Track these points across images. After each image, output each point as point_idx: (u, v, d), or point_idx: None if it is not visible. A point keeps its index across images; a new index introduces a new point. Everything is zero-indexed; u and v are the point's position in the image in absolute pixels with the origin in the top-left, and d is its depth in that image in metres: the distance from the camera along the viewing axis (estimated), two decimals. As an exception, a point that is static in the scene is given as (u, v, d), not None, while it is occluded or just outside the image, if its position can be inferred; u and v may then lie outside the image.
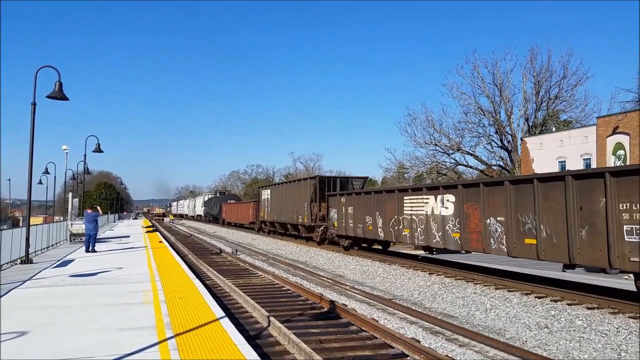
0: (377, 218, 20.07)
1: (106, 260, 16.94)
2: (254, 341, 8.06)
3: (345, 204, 23.22)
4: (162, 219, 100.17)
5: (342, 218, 23.46)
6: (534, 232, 11.92)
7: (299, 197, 29.70)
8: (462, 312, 11.55)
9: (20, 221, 77.31)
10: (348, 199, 23.07)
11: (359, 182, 28.57)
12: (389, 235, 19.34)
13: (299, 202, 29.56)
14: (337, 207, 24.10)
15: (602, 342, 8.71)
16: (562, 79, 44.67)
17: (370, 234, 20.96)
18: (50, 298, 9.84)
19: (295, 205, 30.23)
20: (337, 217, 24.20)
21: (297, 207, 30.01)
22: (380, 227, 19.88)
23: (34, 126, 15.79)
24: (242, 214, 48.73)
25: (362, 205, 21.43)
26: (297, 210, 30.00)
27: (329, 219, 25.48)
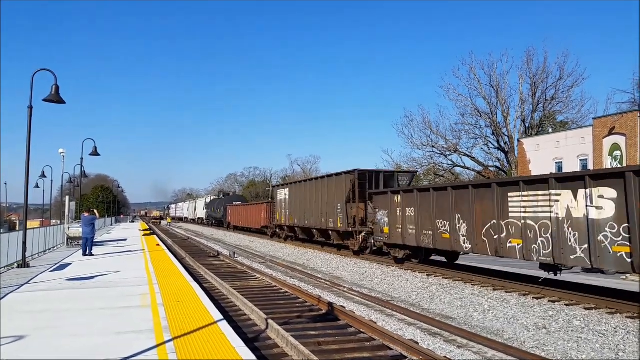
0: (458, 223, 14.84)
1: (103, 263, 16.89)
2: (252, 344, 8.06)
3: (401, 204, 18.14)
4: (159, 222, 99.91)
5: (397, 222, 18.39)
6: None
7: (330, 197, 24.83)
8: (460, 313, 11.56)
9: (17, 225, 77.05)
10: (407, 197, 17.89)
11: (405, 177, 23.87)
12: (480, 247, 13.87)
13: (329, 203, 24.79)
14: (388, 209, 19.02)
15: (600, 342, 8.73)
16: (559, 80, 44.88)
17: (444, 244, 15.59)
18: (48, 302, 9.80)
19: (325, 207, 25.49)
20: (387, 221, 19.13)
21: (326, 209, 25.23)
22: (463, 236, 14.60)
23: (30, 129, 15.76)
24: (253, 217, 44.10)
25: (429, 205, 16.22)
26: (326, 212, 25.19)
27: (374, 223, 20.44)
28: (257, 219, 41.89)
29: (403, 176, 23.91)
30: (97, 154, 28.07)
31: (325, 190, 25.67)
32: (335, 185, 24.39)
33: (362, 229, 21.97)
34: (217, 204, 65.18)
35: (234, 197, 70.10)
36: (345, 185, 23.04)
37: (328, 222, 25.01)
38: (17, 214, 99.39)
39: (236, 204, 57.43)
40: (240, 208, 52.11)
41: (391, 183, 22.72)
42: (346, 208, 22.81)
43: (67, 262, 17.49)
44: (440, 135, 49.71)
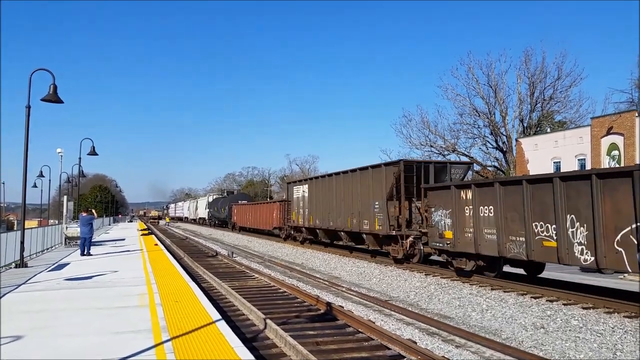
0: (571, 227, 11.26)
1: (101, 263, 16.87)
2: (250, 343, 8.06)
3: (472, 201, 14.27)
4: (157, 221, 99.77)
5: (466, 225, 14.55)
6: None
7: (364, 194, 21.12)
8: (458, 313, 11.57)
9: (14, 225, 76.95)
10: (482, 193, 14.00)
11: (459, 169, 20.09)
12: (612, 260, 10.33)
13: (364, 201, 21.09)
14: (452, 207, 15.15)
15: (598, 342, 8.74)
16: (557, 80, 44.91)
17: (546, 254, 11.96)
18: (46, 302, 9.79)
19: (357, 206, 21.72)
20: (449, 223, 15.32)
21: (359, 208, 21.46)
22: (581, 244, 10.98)
23: (28, 129, 15.73)
24: (263, 217, 39.98)
25: (521, 203, 12.56)
26: (359, 212, 21.43)
27: (429, 225, 16.47)
28: (268, 219, 38.07)
29: (456, 168, 20.13)
30: (95, 154, 28.04)
31: (358, 185, 21.73)
32: (372, 179, 20.55)
33: (409, 232, 18.26)
34: (221, 203, 61.01)
35: (239, 195, 64.42)
36: (387, 179, 19.28)
37: (361, 224, 21.29)
38: (15, 214, 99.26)
39: (242, 202, 53.29)
40: (247, 207, 47.73)
41: (442, 176, 19.27)
42: (387, 207, 19.10)
43: (65, 262, 17.46)
44: (438, 135, 49.75)
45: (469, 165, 21.43)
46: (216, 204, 63.84)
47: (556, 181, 11.63)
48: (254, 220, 42.83)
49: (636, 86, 40.67)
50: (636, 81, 40.57)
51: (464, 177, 19.84)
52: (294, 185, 31.84)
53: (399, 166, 18.83)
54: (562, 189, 11.54)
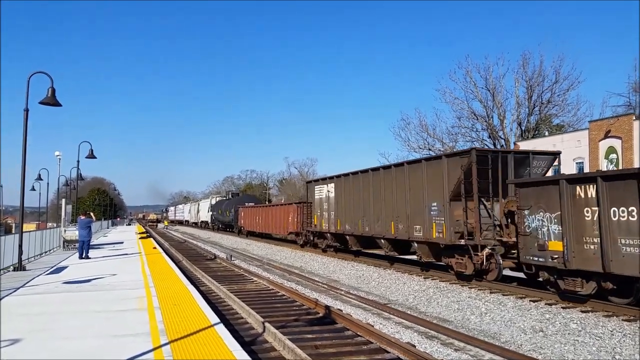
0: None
1: (100, 266, 16.84)
2: (249, 347, 8.05)
3: (597, 201, 10.66)
4: (156, 225, 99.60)
5: (583, 233, 10.99)
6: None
7: (416, 192, 16.81)
8: (457, 316, 11.57)
9: (12, 228, 76.77)
10: (613, 189, 10.39)
11: (542, 161, 16.18)
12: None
13: (414, 202, 16.90)
14: (562, 209, 11.44)
15: (597, 345, 8.75)
16: (554, 83, 45.01)
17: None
18: (44, 305, 9.77)
19: (404, 208, 17.53)
20: (556, 230, 11.63)
21: (408, 210, 17.24)
22: None
23: (26, 132, 15.72)
24: (276, 221, 35.62)
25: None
26: (408, 215, 17.21)
27: (523, 232, 12.65)
28: (283, 223, 33.83)
29: (539, 159, 16.06)
30: (93, 157, 28.06)
31: (405, 183, 17.55)
32: (427, 175, 16.28)
33: (484, 242, 14.23)
34: (225, 206, 56.35)
35: (245, 197, 59.71)
36: (450, 174, 15.14)
37: (411, 230, 17.08)
38: (13, 217, 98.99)
39: (249, 205, 49.01)
40: (256, 210, 42.97)
41: (521, 171, 15.54)
42: (449, 208, 15.07)
43: (64, 265, 17.43)
44: (436, 138, 49.82)
45: (555, 156, 16.77)
46: (220, 206, 59.33)
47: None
48: (265, 225, 38.75)
49: (634, 89, 40.82)
50: (634, 84, 40.71)
51: (547, 172, 16.41)
52: (316, 184, 26.95)
53: (470, 157, 14.45)
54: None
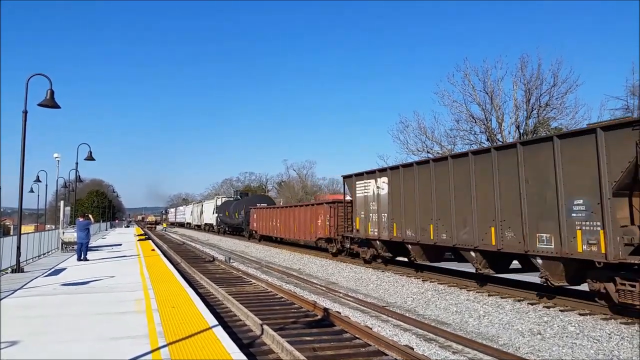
0: None
1: (98, 268, 16.82)
2: (247, 349, 8.04)
3: None
4: (154, 227, 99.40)
5: None
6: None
7: (539, 184, 11.79)
8: (455, 319, 11.57)
9: (11, 230, 76.61)
10: None
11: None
12: None
13: (537, 197, 11.90)
14: None
15: (595, 348, 8.76)
16: (553, 86, 44.89)
17: None
18: (42, 307, 9.76)
19: (515, 206, 12.46)
20: None
21: (524, 210, 12.14)
22: None
23: (25, 134, 15.72)
24: (300, 225, 30.11)
25: None
26: (525, 217, 12.11)
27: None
28: (309, 228, 28.33)
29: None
30: (92, 159, 28.02)
31: (520, 171, 12.32)
32: (566, 157, 11.13)
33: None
34: (234, 207, 49.61)
35: (256, 197, 52.45)
36: (612, 153, 10.09)
37: (531, 239, 11.96)
38: (12, 219, 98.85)
39: (261, 206, 43.25)
40: (274, 212, 36.72)
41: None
42: (611, 207, 10.08)
43: (62, 267, 17.40)
44: (435, 141, 49.69)
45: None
46: (227, 207, 52.67)
47: None
48: (286, 229, 33.04)
49: (632, 93, 40.83)
50: (631, 88, 40.73)
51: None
52: (359, 179, 20.94)
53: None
54: None
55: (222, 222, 54.60)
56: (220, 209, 56.50)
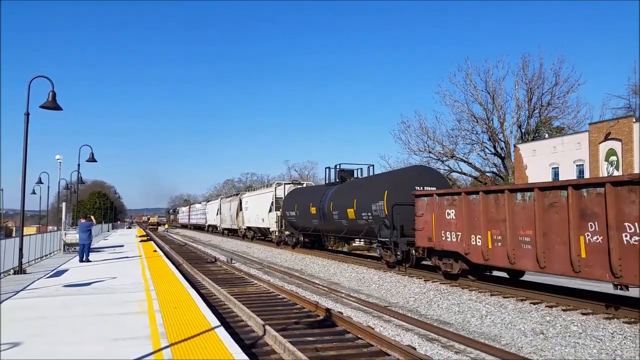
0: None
1: (100, 270, 16.84)
2: (249, 350, 8.04)
3: None
4: (156, 227, 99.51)
5: None
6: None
7: None
8: (457, 319, 11.56)
9: (13, 231, 76.77)
10: None
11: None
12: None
13: None
14: None
15: (598, 348, 8.73)
16: (554, 86, 45.08)
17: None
18: (44, 308, 9.76)
19: None
20: None
21: None
22: None
23: (27, 136, 15.74)
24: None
25: None
26: None
27: None
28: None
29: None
30: (94, 160, 28.09)
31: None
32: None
33: None
34: (334, 196, 24.69)
35: (396, 174, 23.03)
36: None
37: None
38: (14, 220, 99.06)
39: (431, 190, 16.79)
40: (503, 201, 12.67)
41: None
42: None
43: (64, 269, 17.42)
44: (437, 141, 49.84)
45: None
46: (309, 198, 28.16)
47: None
48: (554, 247, 11.22)
49: (633, 92, 40.84)
50: (633, 87, 40.73)
51: None
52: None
53: None
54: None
55: (295, 226, 30.78)
56: (288, 202, 31.21)
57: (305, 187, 34.40)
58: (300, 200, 29.35)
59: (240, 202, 44.78)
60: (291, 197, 31.46)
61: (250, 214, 40.87)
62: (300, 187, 34.35)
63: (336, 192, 24.78)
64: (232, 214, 47.71)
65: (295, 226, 30.50)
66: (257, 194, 40.69)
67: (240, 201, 44.79)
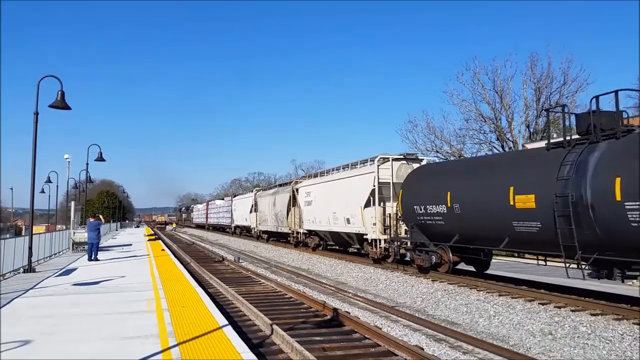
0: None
1: (109, 268, 16.93)
2: (257, 349, 8.05)
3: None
4: (164, 227, 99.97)
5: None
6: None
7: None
8: (465, 319, 11.51)
9: (22, 230, 77.40)
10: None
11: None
12: None
13: None
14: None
15: (607, 349, 8.67)
16: (563, 85, 44.72)
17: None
18: (53, 307, 9.83)
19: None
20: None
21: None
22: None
23: (36, 135, 15.86)
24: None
25: None
26: None
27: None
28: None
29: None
30: (102, 160, 28.23)
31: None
32: None
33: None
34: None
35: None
36: None
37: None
38: (23, 219, 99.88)
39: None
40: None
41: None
42: None
43: (73, 267, 17.53)
44: (444, 141, 49.59)
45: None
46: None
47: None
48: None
49: (643, 90, 40.38)
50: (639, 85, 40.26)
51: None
52: None
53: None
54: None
55: (436, 233, 15.87)
56: (421, 189, 16.47)
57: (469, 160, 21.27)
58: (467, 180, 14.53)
59: (293, 194, 31.31)
60: (433, 180, 16.39)
61: (316, 210, 26.75)
62: (453, 162, 21.96)
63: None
64: (279, 212, 33.57)
65: (439, 234, 15.83)
66: (333, 179, 25.36)
67: (293, 193, 31.34)
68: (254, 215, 41.98)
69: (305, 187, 29.47)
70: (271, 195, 36.94)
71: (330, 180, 25.83)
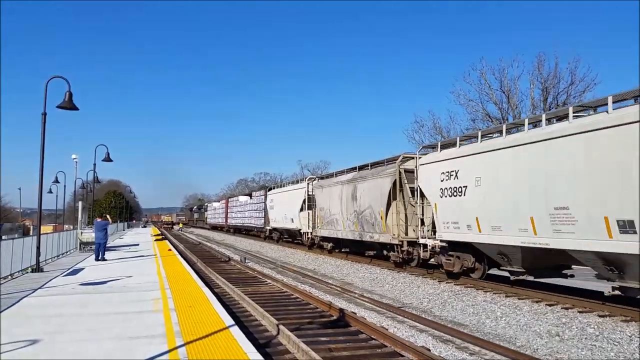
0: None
1: (116, 268, 17.01)
2: (263, 349, 8.06)
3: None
4: (171, 226, 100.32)
5: None
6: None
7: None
8: (472, 320, 11.48)
9: (30, 230, 77.87)
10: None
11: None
12: None
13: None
14: None
15: (615, 351, 8.62)
16: (570, 85, 44.47)
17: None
18: (61, 306, 9.89)
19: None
20: None
21: None
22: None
23: (44, 136, 15.96)
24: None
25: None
26: None
27: None
28: None
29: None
30: (109, 160, 28.40)
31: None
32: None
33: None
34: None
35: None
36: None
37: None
38: (31, 219, 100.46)
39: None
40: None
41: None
42: None
43: (80, 267, 17.63)
44: (451, 141, 49.48)
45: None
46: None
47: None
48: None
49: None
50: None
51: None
52: None
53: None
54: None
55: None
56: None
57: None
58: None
59: (355, 187, 22.93)
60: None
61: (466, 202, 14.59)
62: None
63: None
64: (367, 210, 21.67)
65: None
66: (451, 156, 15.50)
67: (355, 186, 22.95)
68: (308, 214, 30.82)
69: (431, 166, 16.61)
70: (347, 184, 24.06)
71: (438, 161, 16.11)
